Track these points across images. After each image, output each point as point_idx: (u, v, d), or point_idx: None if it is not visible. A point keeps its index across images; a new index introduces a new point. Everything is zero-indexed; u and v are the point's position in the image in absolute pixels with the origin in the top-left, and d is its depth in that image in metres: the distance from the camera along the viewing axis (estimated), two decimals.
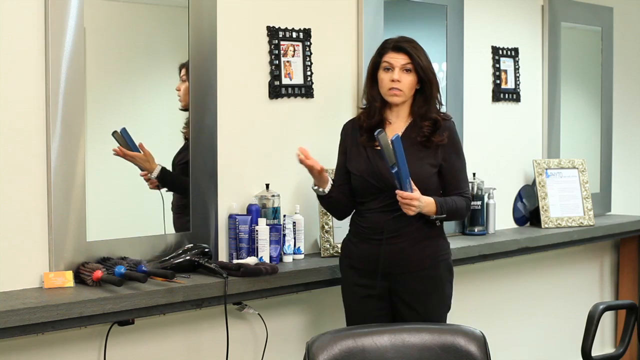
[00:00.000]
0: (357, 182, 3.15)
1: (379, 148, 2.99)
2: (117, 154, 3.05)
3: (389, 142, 2.91)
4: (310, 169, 3.13)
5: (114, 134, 3.04)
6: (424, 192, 3.03)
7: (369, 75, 3.18)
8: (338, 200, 3.19)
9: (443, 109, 3.23)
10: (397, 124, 3.16)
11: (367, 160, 3.12)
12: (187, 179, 3.21)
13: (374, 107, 3.16)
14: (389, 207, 3.06)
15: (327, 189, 3.17)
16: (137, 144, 3.08)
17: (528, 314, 4.66)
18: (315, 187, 3.19)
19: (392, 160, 2.91)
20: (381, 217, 3.08)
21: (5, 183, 2.77)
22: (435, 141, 3.09)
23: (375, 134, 2.93)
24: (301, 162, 3.11)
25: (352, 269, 3.18)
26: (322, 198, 3.21)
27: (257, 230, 3.28)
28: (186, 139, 3.22)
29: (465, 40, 4.23)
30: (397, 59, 3.09)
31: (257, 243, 3.28)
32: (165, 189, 3.18)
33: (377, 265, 3.07)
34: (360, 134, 3.17)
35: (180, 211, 3.23)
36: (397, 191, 2.98)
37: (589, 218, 4.62)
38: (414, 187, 2.99)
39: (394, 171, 2.94)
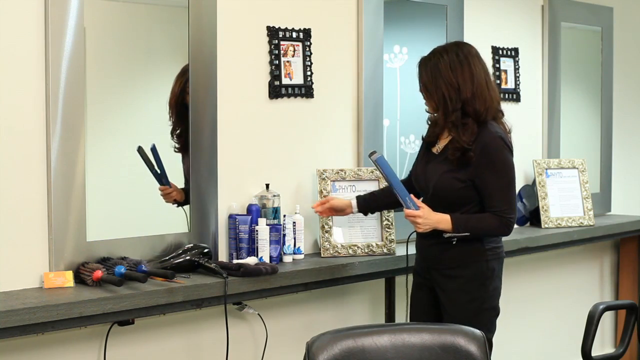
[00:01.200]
0: (411, 178, 3.30)
1: (432, 150, 3.15)
2: (162, 192, 3.19)
3: (375, 161, 2.99)
4: (332, 213, 3.39)
5: (139, 149, 3.07)
6: (450, 206, 3.04)
7: None
8: (377, 204, 3.39)
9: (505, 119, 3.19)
10: (446, 133, 3.13)
11: (419, 161, 3.24)
12: None
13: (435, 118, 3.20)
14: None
15: (355, 209, 3.38)
16: (167, 175, 3.17)
17: (528, 314, 4.66)
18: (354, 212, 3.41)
19: (385, 179, 3.01)
20: None
21: (5, 183, 2.77)
22: (466, 159, 3.03)
23: (368, 155, 3.03)
24: (320, 213, 3.40)
25: (415, 260, 3.31)
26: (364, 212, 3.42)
27: (257, 230, 3.29)
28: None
29: (465, 40, 4.23)
30: (419, 77, 3.15)
31: (257, 243, 3.29)
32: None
33: (421, 258, 3.21)
34: (428, 130, 3.24)
35: None
36: (404, 208, 3.07)
37: (589, 218, 4.62)
38: (420, 204, 3.04)
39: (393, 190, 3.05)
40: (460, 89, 3.02)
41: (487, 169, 3.02)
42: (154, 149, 3.10)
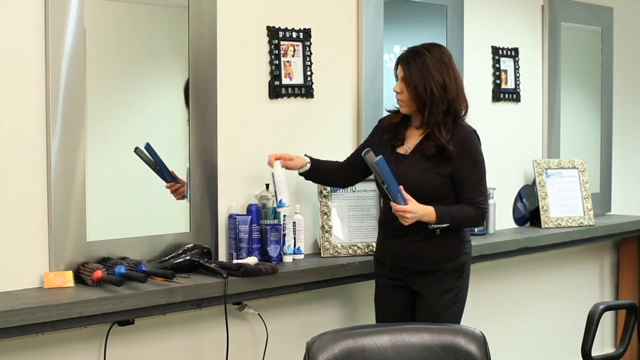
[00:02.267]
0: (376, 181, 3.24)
1: (398, 150, 3.17)
2: (170, 189, 3.18)
3: (374, 163, 2.99)
4: (287, 166, 3.29)
5: (137, 150, 3.06)
6: (429, 202, 3.08)
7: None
8: (321, 171, 3.37)
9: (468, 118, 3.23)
10: (416, 131, 3.20)
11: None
12: None
13: (397, 110, 3.24)
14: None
15: (307, 167, 3.33)
16: (169, 170, 3.17)
17: (528, 314, 4.66)
18: (298, 171, 3.35)
19: (381, 178, 3.01)
20: (391, 213, 3.13)
21: (5, 183, 2.77)
22: (445, 155, 3.11)
23: (362, 153, 3.03)
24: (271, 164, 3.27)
25: (378, 261, 3.32)
26: (306, 177, 3.38)
27: (273, 174, 3.27)
28: None
29: (465, 40, 4.23)
30: (400, 71, 3.16)
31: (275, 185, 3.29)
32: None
33: (393, 259, 3.19)
34: (386, 131, 3.25)
35: None
36: (391, 203, 3.07)
37: (589, 218, 4.62)
38: (408, 197, 3.06)
39: (384, 187, 3.04)
40: (447, 89, 3.11)
41: (466, 162, 3.12)
42: (148, 147, 3.09)
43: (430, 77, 3.09)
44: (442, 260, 3.16)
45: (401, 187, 3.04)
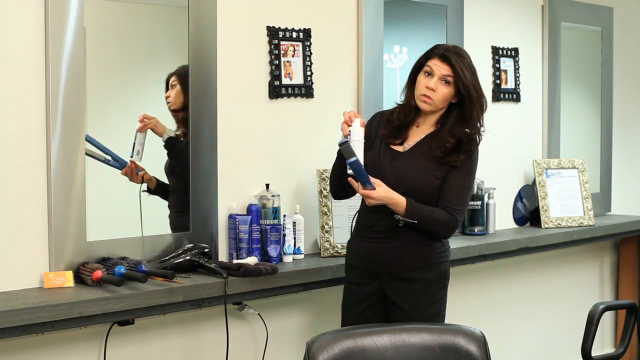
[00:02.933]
0: None
1: (393, 147, 3.05)
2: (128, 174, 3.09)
3: (340, 146, 2.89)
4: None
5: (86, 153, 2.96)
6: (423, 203, 2.99)
7: (410, 75, 3.10)
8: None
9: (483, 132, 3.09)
10: (423, 128, 3.08)
11: (377, 157, 3.07)
12: (187, 162, 3.20)
13: (409, 108, 3.08)
14: (383, 206, 2.99)
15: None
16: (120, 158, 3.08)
17: (528, 314, 4.66)
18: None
19: (351, 155, 2.87)
20: (374, 215, 3.05)
21: (5, 183, 2.77)
22: (450, 160, 3.00)
23: (339, 142, 2.90)
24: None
25: (350, 266, 3.17)
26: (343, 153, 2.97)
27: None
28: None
29: (465, 40, 4.23)
30: (440, 68, 2.98)
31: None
32: (173, 158, 3.18)
33: (369, 264, 3.07)
34: (384, 126, 3.10)
35: (180, 210, 3.23)
36: (358, 188, 2.93)
37: (589, 218, 4.62)
38: (377, 182, 2.92)
39: (349, 171, 2.90)
40: (480, 94, 3.03)
41: (461, 171, 3.02)
42: (89, 139, 2.95)
43: (476, 79, 3.01)
44: (425, 268, 3.04)
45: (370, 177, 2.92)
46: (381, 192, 2.93)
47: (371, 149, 3.07)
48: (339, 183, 3.07)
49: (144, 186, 3.14)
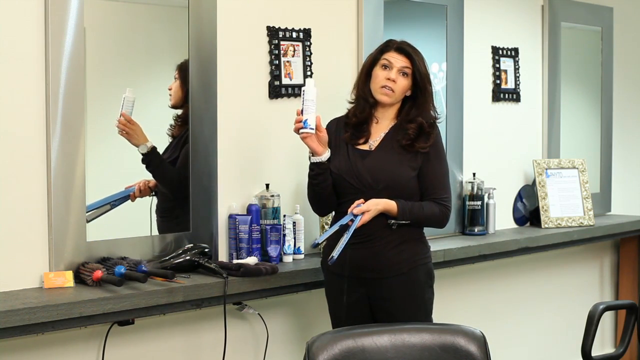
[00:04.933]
0: (336, 181, 3.07)
1: (359, 147, 3.07)
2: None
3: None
4: (313, 138, 3.02)
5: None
6: (401, 197, 2.99)
7: (364, 70, 3.15)
8: (328, 183, 3.05)
9: (438, 117, 3.16)
10: (383, 124, 3.12)
11: (347, 159, 3.07)
12: (174, 170, 3.19)
13: (363, 103, 3.12)
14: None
15: (327, 155, 3.05)
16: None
17: (528, 314, 4.66)
18: (311, 155, 3.05)
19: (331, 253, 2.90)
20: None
21: (5, 183, 2.77)
22: (418, 147, 3.04)
23: (312, 245, 2.95)
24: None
25: (330, 272, 3.13)
26: (316, 170, 3.03)
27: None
28: (173, 136, 3.21)
29: (465, 40, 4.23)
30: (398, 60, 3.07)
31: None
32: (151, 173, 3.14)
33: (351, 270, 3.03)
34: (345, 130, 3.13)
35: (166, 214, 3.22)
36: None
37: (589, 218, 4.62)
38: (363, 208, 2.94)
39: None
40: (431, 84, 3.13)
41: (434, 156, 3.07)
42: (90, 207, 2.96)
43: (427, 70, 3.11)
44: (411, 271, 3.03)
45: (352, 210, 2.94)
46: (371, 206, 2.94)
47: (338, 154, 3.09)
48: (319, 200, 3.11)
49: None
